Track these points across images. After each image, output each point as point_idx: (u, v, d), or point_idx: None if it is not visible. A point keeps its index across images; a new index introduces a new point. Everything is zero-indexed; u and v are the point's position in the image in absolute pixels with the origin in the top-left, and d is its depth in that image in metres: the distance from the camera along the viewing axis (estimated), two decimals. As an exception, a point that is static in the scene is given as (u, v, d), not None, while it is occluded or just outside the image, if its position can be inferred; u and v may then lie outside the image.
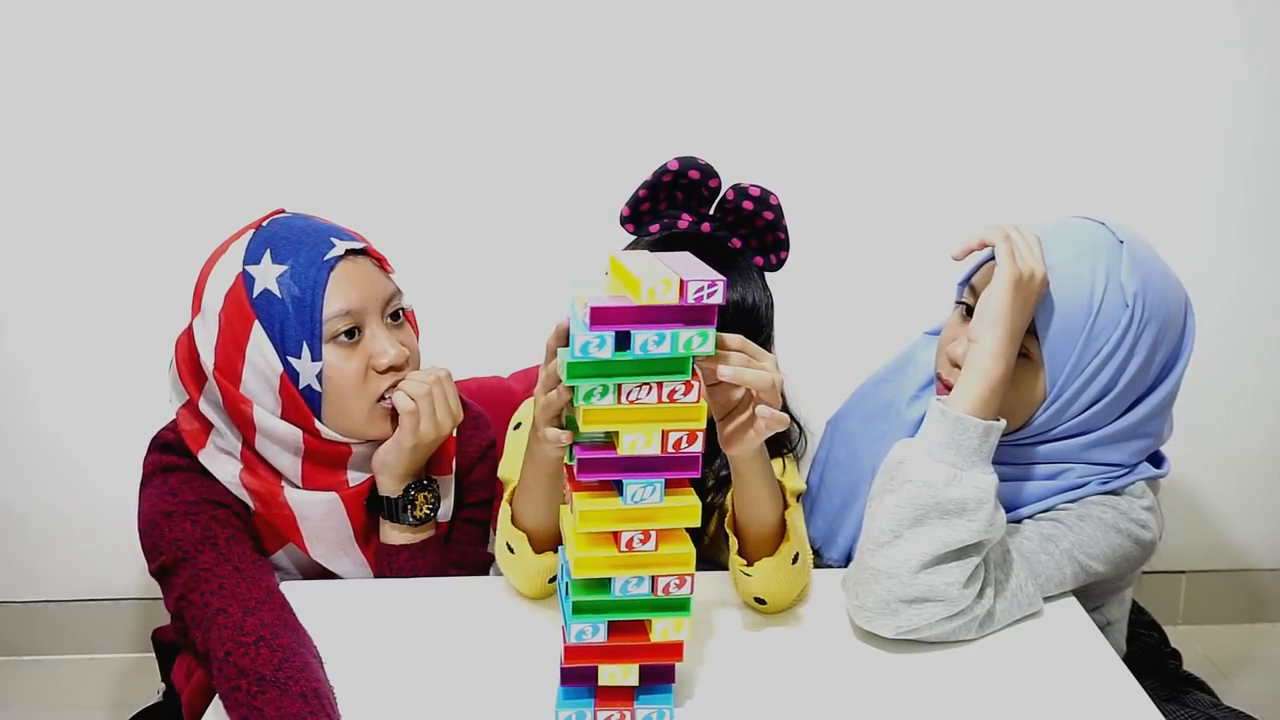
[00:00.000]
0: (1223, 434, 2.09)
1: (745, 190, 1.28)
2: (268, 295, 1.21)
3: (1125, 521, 1.23)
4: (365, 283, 1.25)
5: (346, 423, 1.26)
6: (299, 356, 1.22)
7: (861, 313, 1.95)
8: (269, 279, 1.21)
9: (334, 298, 1.22)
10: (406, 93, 1.88)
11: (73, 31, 1.84)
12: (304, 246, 1.23)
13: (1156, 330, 1.20)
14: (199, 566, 1.20)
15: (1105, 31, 1.90)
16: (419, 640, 1.17)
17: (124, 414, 1.50)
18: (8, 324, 1.98)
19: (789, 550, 1.15)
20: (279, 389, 1.23)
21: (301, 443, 1.26)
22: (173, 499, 1.27)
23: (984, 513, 1.10)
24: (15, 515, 2.08)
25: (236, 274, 1.23)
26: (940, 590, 1.10)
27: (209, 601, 1.17)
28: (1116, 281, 1.18)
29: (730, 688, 1.08)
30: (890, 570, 1.11)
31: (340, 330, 1.23)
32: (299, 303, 1.21)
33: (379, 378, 1.25)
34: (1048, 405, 1.21)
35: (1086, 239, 1.21)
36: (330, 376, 1.23)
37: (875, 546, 1.12)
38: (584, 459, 0.93)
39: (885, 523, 1.12)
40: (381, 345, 1.25)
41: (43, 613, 2.15)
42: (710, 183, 1.28)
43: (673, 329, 0.88)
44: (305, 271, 1.22)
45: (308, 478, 1.28)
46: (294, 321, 1.21)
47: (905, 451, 1.14)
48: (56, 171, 1.91)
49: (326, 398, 1.24)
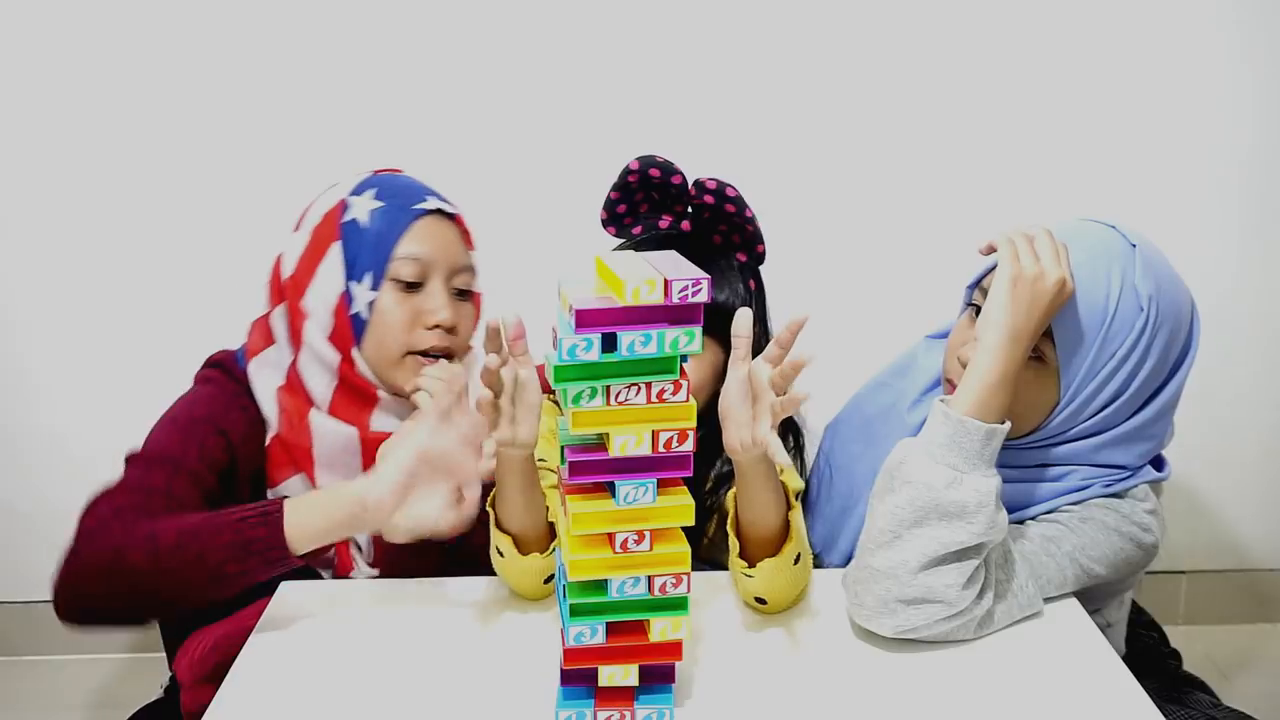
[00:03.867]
0: (1223, 434, 2.09)
1: (703, 185, 1.31)
2: (355, 223, 1.30)
3: (1128, 525, 1.23)
4: (443, 241, 1.32)
5: (379, 360, 1.31)
6: (360, 282, 1.29)
7: (861, 315, 1.95)
8: (363, 210, 1.30)
9: (409, 241, 1.30)
10: (402, 96, 1.89)
11: (80, 34, 1.85)
12: (403, 193, 1.33)
13: (1169, 333, 1.20)
14: (147, 473, 1.25)
15: (1106, 33, 1.90)
16: (419, 640, 1.17)
17: (129, 413, 1.51)
18: (13, 323, 1.99)
19: (791, 551, 1.15)
20: (334, 309, 1.30)
21: (337, 368, 1.31)
22: (189, 407, 1.33)
23: (984, 515, 1.10)
24: (19, 514, 2.09)
25: (339, 199, 1.32)
26: (939, 591, 1.10)
27: (136, 502, 1.21)
28: (1131, 285, 1.18)
29: (730, 688, 1.08)
30: (889, 570, 1.11)
31: (404, 272, 1.29)
32: (378, 235, 1.29)
33: (424, 333, 1.30)
34: (1062, 408, 1.21)
35: (1100, 242, 1.21)
36: (380, 310, 1.29)
37: (875, 546, 1.12)
38: (575, 461, 0.93)
39: (885, 523, 1.12)
40: (437, 302, 1.31)
41: (43, 613, 2.14)
42: (673, 180, 1.32)
43: (659, 329, 0.88)
44: (394, 213, 1.30)
45: (336, 405, 1.32)
46: (368, 250, 1.29)
47: (906, 452, 1.14)
48: (63, 172, 1.91)
49: (370, 329, 1.30)
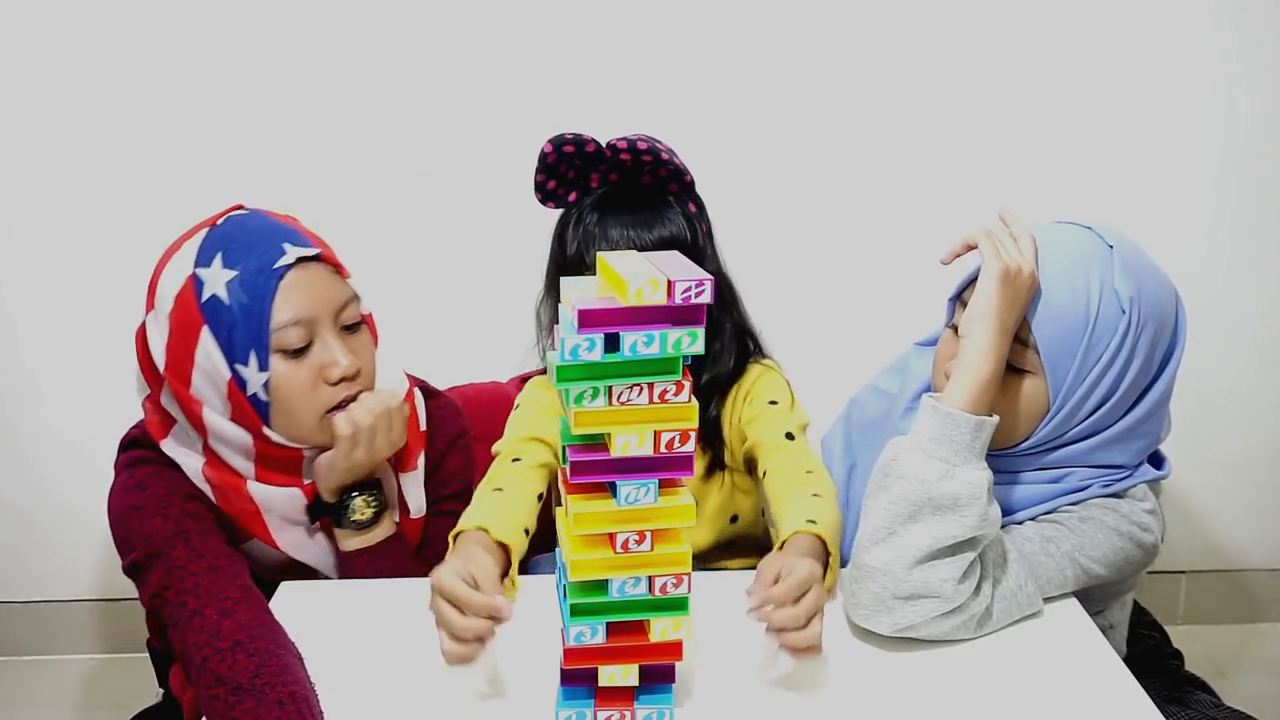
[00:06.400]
0: (1221, 434, 2.09)
1: (616, 146, 1.36)
2: (216, 301, 1.19)
3: (1127, 524, 1.23)
4: (317, 290, 1.22)
5: (295, 431, 1.24)
6: (246, 364, 1.19)
7: (855, 322, 1.95)
8: (219, 284, 1.19)
9: (283, 307, 1.20)
10: (398, 98, 1.89)
11: (76, 32, 1.85)
12: (255, 252, 1.20)
13: (1154, 330, 1.20)
14: (172, 563, 1.19)
15: (1097, 33, 1.90)
16: (419, 640, 1.17)
17: (130, 413, 1.52)
18: (14, 322, 1.99)
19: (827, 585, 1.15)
20: (227, 394, 1.21)
21: (252, 446, 1.24)
22: (141, 493, 1.26)
23: (977, 508, 1.10)
24: (20, 514, 2.09)
25: (187, 276, 1.20)
26: (934, 586, 1.10)
27: (184, 601, 1.16)
28: (1111, 288, 1.18)
29: (730, 688, 1.08)
30: (884, 567, 1.11)
31: (289, 340, 1.20)
32: (247, 311, 1.18)
33: (329, 388, 1.23)
34: (1051, 416, 1.21)
35: (1076, 247, 1.21)
36: (278, 386, 1.21)
37: (869, 544, 1.13)
38: (577, 461, 0.93)
39: (879, 520, 1.12)
40: (332, 355, 1.23)
41: (43, 613, 2.15)
42: (587, 149, 1.36)
43: (661, 329, 0.88)
44: (254, 279, 1.19)
45: (262, 478, 1.27)
46: (241, 329, 1.19)
47: (898, 449, 1.14)
48: (64, 172, 1.91)
49: (274, 406, 1.22)
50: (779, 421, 1.35)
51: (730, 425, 1.41)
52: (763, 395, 1.39)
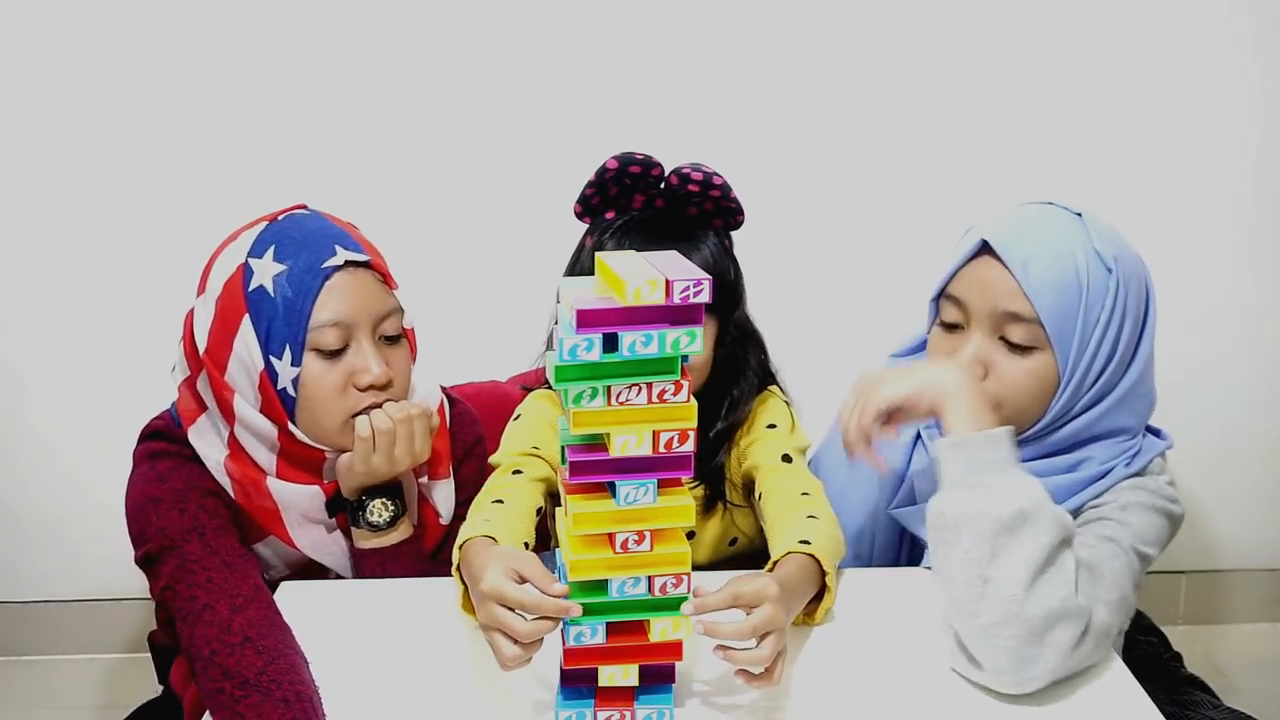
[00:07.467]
0: (1222, 434, 2.09)
1: (687, 175, 1.29)
2: (261, 291, 1.21)
3: (1159, 500, 1.23)
4: (360, 296, 1.24)
5: (318, 431, 1.25)
6: (280, 358, 1.21)
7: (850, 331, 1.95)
8: (266, 276, 1.21)
9: (324, 307, 1.22)
10: (408, 102, 1.90)
11: (72, 31, 1.85)
12: (306, 249, 1.23)
13: (1137, 286, 1.23)
14: (186, 557, 1.20)
15: (1097, 33, 1.90)
16: (418, 641, 1.17)
17: (122, 414, 1.52)
18: (5, 324, 1.99)
19: (823, 612, 1.17)
20: (259, 385, 1.22)
21: (276, 440, 1.25)
22: (160, 485, 1.26)
23: (1046, 513, 1.05)
24: (14, 515, 2.09)
25: (239, 264, 1.23)
26: (1057, 607, 1.04)
27: (195, 595, 1.17)
28: (1092, 250, 1.20)
29: (730, 688, 1.08)
30: (1001, 615, 1.04)
31: (326, 340, 1.22)
32: (289, 305, 1.21)
33: (358, 394, 1.24)
34: (1063, 388, 1.21)
35: (1048, 220, 1.24)
36: (307, 384, 1.23)
37: (970, 605, 1.05)
38: (576, 461, 0.93)
39: (964, 575, 1.05)
40: (365, 361, 1.24)
41: (43, 613, 2.15)
42: (653, 172, 1.31)
43: (660, 329, 0.88)
44: (301, 276, 1.22)
45: (283, 474, 1.28)
46: (281, 322, 1.21)
47: (938, 504, 1.10)
48: (55, 172, 1.91)
49: (301, 404, 1.23)
50: (777, 444, 1.34)
51: (731, 456, 1.39)
52: (761, 421, 1.37)
